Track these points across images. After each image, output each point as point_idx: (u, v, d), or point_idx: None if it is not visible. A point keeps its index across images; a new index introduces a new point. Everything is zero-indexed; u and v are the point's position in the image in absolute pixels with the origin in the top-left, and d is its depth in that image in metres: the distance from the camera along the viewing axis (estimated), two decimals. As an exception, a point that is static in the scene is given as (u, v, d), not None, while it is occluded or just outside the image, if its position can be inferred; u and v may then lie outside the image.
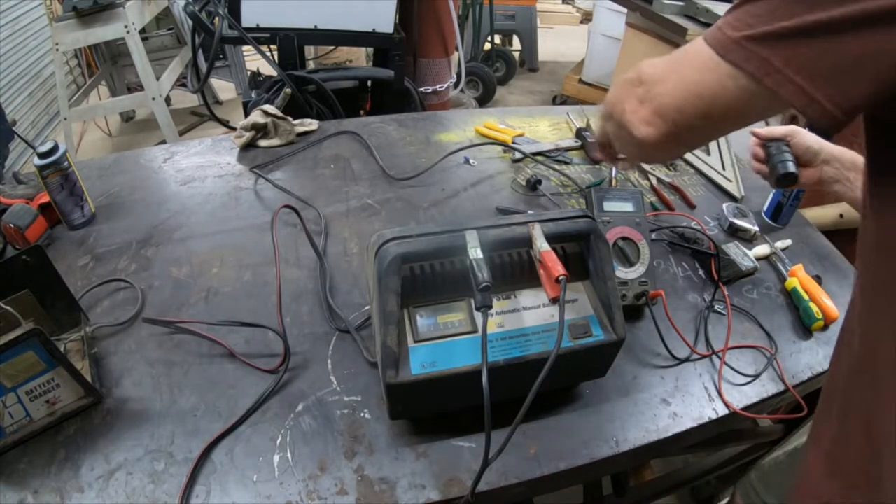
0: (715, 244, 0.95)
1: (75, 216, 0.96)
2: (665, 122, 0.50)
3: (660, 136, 0.51)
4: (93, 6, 2.42)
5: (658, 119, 0.51)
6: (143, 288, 0.85)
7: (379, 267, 0.57)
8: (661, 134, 0.51)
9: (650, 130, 0.51)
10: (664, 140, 0.51)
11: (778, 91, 0.40)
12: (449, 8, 2.04)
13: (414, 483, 0.62)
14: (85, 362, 0.71)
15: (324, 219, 1.00)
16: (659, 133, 0.51)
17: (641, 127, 0.52)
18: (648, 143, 0.52)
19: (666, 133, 0.51)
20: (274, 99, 1.47)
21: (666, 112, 0.50)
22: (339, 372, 0.74)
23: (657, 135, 0.51)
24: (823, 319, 0.84)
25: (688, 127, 0.49)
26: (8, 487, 0.59)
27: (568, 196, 1.12)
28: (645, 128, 0.52)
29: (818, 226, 1.13)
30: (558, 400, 0.72)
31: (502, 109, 1.66)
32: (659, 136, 0.51)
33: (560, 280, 0.55)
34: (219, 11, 1.50)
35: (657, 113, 0.51)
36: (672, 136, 0.51)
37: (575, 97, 3.64)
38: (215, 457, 0.63)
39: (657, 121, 0.51)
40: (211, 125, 3.35)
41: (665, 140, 0.51)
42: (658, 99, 0.50)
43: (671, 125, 0.50)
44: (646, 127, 0.52)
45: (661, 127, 0.51)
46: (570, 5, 5.92)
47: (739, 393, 0.76)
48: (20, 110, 2.96)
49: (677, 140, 0.52)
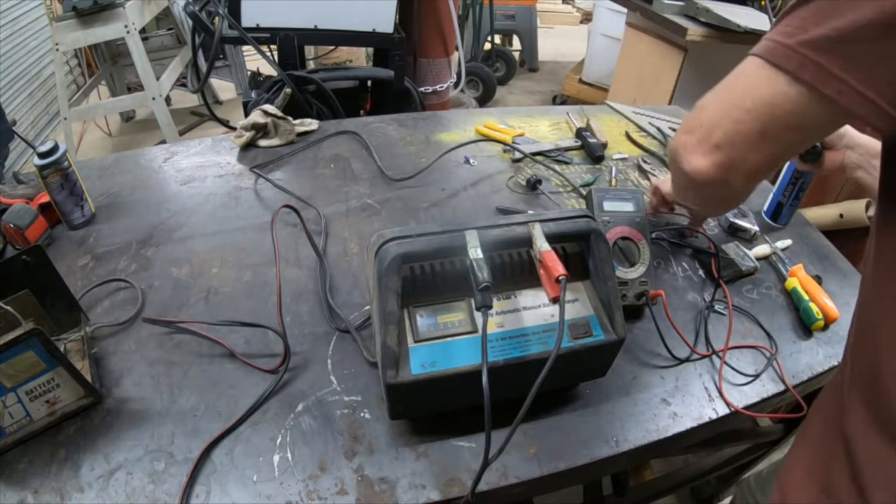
0: (715, 244, 0.95)
1: (75, 216, 0.96)
2: (715, 149, 0.44)
3: (711, 167, 0.45)
4: (93, 6, 2.42)
5: (707, 146, 0.45)
6: (143, 288, 0.85)
7: (379, 267, 0.57)
8: (712, 163, 0.45)
9: (700, 162, 0.46)
10: (716, 171, 0.45)
11: (837, 99, 0.36)
12: (449, 8, 2.04)
13: (414, 483, 0.62)
14: (85, 362, 0.71)
15: (324, 219, 1.00)
16: (710, 163, 0.45)
17: (692, 159, 0.46)
18: (700, 178, 0.46)
19: (717, 162, 0.45)
20: (274, 99, 1.47)
21: (714, 136, 0.44)
22: (339, 372, 0.74)
23: (708, 166, 0.45)
24: (823, 319, 0.84)
25: (741, 151, 0.43)
26: (8, 487, 0.59)
27: (568, 196, 1.12)
28: (695, 159, 0.46)
29: (818, 226, 1.13)
30: (558, 400, 0.72)
31: (502, 109, 1.66)
32: (710, 166, 0.45)
33: (560, 280, 0.55)
34: (219, 11, 1.50)
35: (705, 139, 0.45)
36: (725, 165, 0.45)
37: (575, 97, 3.65)
38: (215, 457, 0.63)
39: (705, 148, 0.45)
40: (211, 125, 3.35)
41: (717, 171, 0.45)
42: (706, 123, 0.45)
43: (723, 151, 0.44)
44: (696, 158, 0.46)
45: (712, 156, 0.45)
46: (570, 5, 5.92)
47: (739, 393, 0.76)
48: (20, 110, 2.96)
49: (731, 169, 0.45)
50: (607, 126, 1.39)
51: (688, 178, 0.48)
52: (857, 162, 0.81)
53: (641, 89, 2.46)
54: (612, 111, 1.50)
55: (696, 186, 0.48)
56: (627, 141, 1.35)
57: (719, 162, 0.45)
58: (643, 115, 1.46)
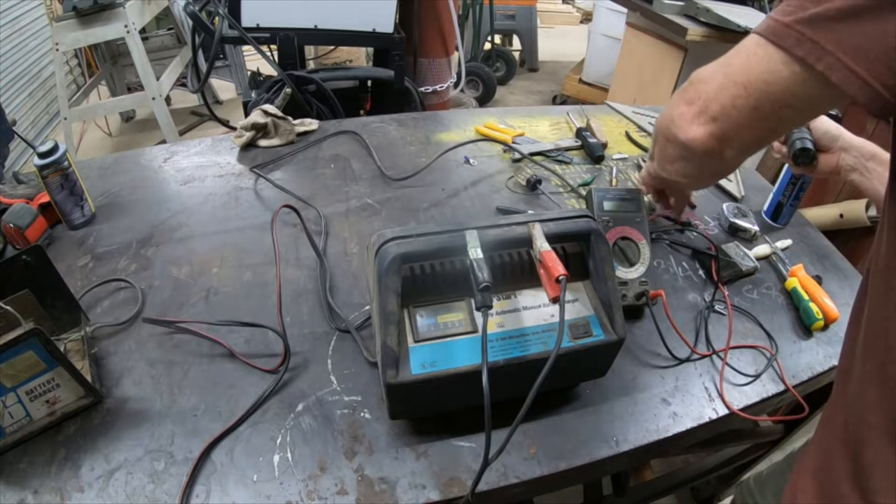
0: (715, 245, 0.95)
1: (75, 216, 0.96)
2: (712, 120, 0.47)
3: (707, 137, 0.48)
4: (93, 6, 2.42)
5: (704, 117, 0.47)
6: (143, 288, 0.85)
7: (379, 267, 0.57)
8: (709, 134, 0.48)
9: (697, 131, 0.48)
10: (712, 141, 0.48)
11: (829, 76, 0.37)
12: (449, 8, 2.04)
13: (414, 483, 0.62)
14: (85, 362, 0.71)
15: (324, 219, 1.00)
16: (706, 133, 0.48)
17: (688, 128, 0.49)
18: (696, 147, 0.49)
19: (713, 133, 0.47)
20: (274, 99, 1.47)
21: (712, 108, 0.47)
22: (339, 372, 0.74)
23: (704, 135, 0.48)
24: (823, 319, 0.84)
25: (736, 124, 0.46)
26: (8, 487, 0.59)
27: (568, 196, 1.12)
28: (692, 128, 0.49)
29: (818, 226, 1.13)
30: (558, 400, 0.72)
31: (502, 109, 1.66)
32: (706, 136, 0.48)
33: (560, 280, 0.55)
34: (219, 11, 1.50)
35: (703, 111, 0.48)
36: (720, 137, 0.48)
37: (575, 97, 3.65)
38: (215, 457, 0.63)
39: (703, 119, 0.48)
40: (211, 125, 3.35)
41: (713, 141, 0.48)
42: (704, 95, 0.47)
43: (718, 123, 0.47)
44: (693, 127, 0.49)
45: (708, 126, 0.47)
46: (570, 5, 5.92)
47: (740, 393, 0.76)
48: (20, 110, 2.96)
49: (726, 141, 0.48)
50: (607, 126, 1.39)
51: (683, 148, 0.50)
52: (851, 164, 0.81)
53: (641, 89, 2.46)
54: (612, 111, 1.50)
55: (689, 157, 0.51)
56: (627, 141, 1.35)
57: (715, 133, 0.47)
58: (643, 114, 1.46)
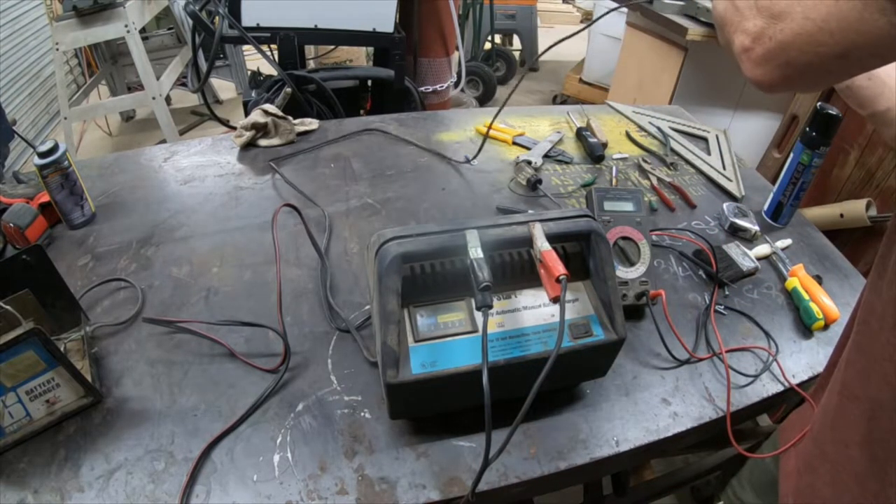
0: (713, 249, 0.95)
1: (75, 216, 0.96)
2: (786, 65, 0.43)
3: (778, 80, 0.44)
4: (93, 6, 2.42)
5: (778, 61, 0.43)
6: (143, 287, 0.85)
7: (379, 266, 0.57)
8: (781, 77, 0.43)
9: (768, 74, 0.44)
10: (784, 84, 0.44)
11: None
12: (449, 7, 2.04)
13: (414, 483, 0.62)
14: (85, 362, 0.71)
15: (328, 217, 1.00)
16: (778, 77, 0.43)
17: (754, 69, 0.45)
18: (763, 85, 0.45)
19: (786, 76, 0.43)
20: (274, 98, 1.47)
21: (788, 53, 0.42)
22: (339, 371, 0.74)
23: (775, 79, 0.44)
24: (824, 319, 0.84)
25: (814, 68, 0.42)
26: (8, 487, 0.59)
27: (568, 196, 1.12)
28: (759, 70, 0.44)
29: (818, 226, 1.12)
30: (558, 400, 0.72)
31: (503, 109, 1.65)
32: (778, 79, 0.44)
33: (560, 280, 0.55)
34: (219, 11, 1.50)
35: (775, 55, 0.43)
36: (793, 80, 0.44)
37: (575, 97, 3.65)
38: (215, 456, 0.63)
39: (775, 63, 0.43)
40: (211, 125, 3.35)
41: (785, 83, 0.44)
42: (778, 37, 0.42)
43: (793, 67, 0.42)
44: (760, 70, 0.44)
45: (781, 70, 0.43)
46: (570, 5, 5.92)
47: (739, 393, 0.76)
48: (20, 110, 2.96)
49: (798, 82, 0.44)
50: (607, 126, 1.39)
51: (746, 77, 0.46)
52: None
53: (641, 89, 2.46)
54: (613, 111, 1.50)
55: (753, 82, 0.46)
56: (628, 140, 1.35)
57: (789, 76, 0.43)
58: (643, 114, 1.46)
